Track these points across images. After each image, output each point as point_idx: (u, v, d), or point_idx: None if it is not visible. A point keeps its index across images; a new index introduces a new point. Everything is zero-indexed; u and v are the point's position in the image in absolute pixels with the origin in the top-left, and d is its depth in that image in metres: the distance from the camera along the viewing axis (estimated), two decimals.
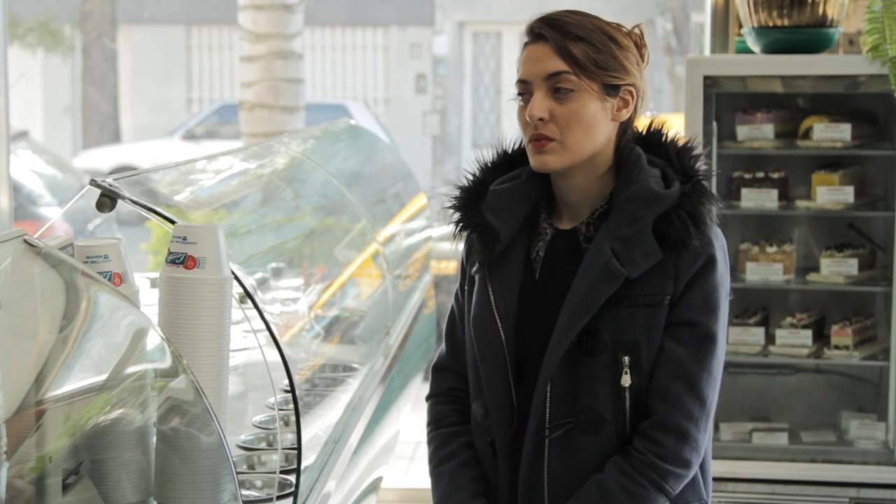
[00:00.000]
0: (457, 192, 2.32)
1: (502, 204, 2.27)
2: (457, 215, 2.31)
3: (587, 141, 2.18)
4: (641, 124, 2.31)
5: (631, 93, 2.21)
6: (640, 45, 2.25)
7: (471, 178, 2.33)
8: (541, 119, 2.17)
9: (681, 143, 2.28)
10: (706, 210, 2.18)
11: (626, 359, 2.16)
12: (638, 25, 2.27)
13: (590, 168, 2.22)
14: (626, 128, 2.25)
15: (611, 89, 2.19)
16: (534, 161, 2.21)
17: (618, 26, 2.24)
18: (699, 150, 2.28)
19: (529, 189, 2.27)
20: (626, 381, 2.16)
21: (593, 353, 2.16)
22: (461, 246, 2.34)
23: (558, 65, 2.17)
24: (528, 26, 2.22)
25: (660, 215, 2.16)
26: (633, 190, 2.18)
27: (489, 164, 2.33)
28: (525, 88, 2.20)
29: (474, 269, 2.29)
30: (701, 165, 2.25)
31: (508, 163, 2.33)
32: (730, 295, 2.24)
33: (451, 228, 2.32)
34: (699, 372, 2.16)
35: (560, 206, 2.28)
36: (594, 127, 2.18)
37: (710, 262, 2.17)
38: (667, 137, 2.28)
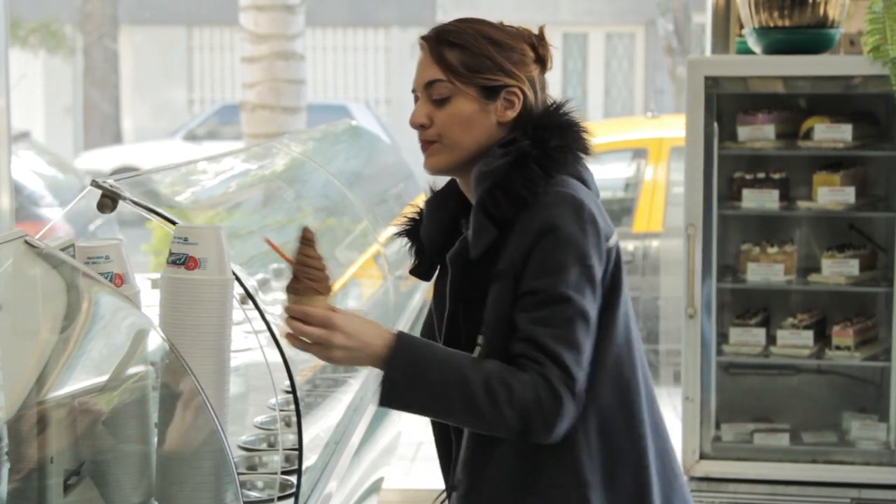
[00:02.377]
0: (408, 214, 2.41)
1: (427, 215, 2.35)
2: (399, 230, 2.41)
3: (467, 138, 2.23)
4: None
5: (516, 93, 2.23)
6: (536, 45, 2.27)
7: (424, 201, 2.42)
8: (422, 126, 2.25)
9: (535, 116, 2.24)
10: (527, 180, 2.17)
11: (480, 338, 2.18)
12: (539, 28, 2.30)
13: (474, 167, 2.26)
14: (514, 126, 2.25)
15: (490, 92, 2.22)
16: (424, 165, 2.28)
17: (506, 28, 2.27)
18: (559, 119, 2.24)
19: (448, 197, 2.34)
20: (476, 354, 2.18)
21: (459, 342, 2.22)
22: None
23: (433, 73, 2.24)
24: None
25: (484, 192, 2.19)
26: (472, 174, 2.24)
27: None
28: (415, 97, 2.28)
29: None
30: (558, 137, 2.22)
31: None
32: (602, 256, 2.17)
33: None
34: (541, 330, 2.12)
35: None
36: (472, 125, 2.23)
37: (545, 229, 2.15)
38: (532, 114, 2.26)
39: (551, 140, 2.21)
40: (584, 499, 2.18)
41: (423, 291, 4.96)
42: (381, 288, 4.18)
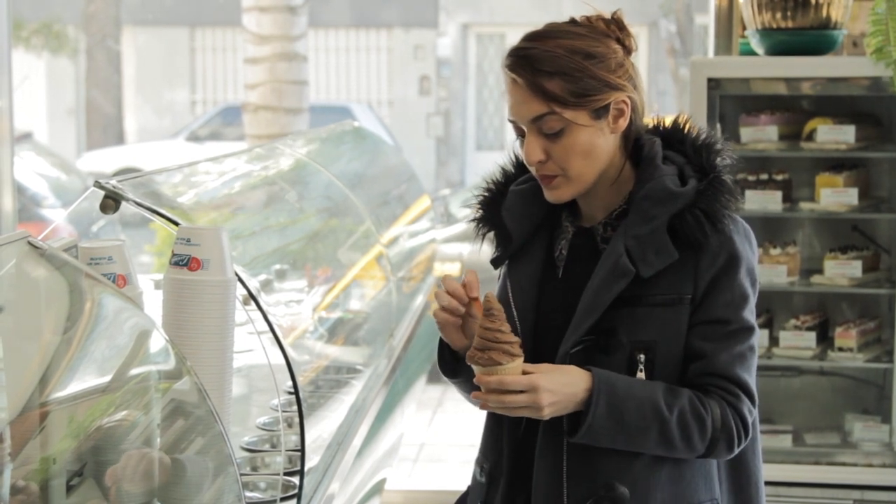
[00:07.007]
0: (480, 194, 2.33)
1: (517, 205, 2.28)
2: (475, 215, 2.32)
3: (590, 166, 2.16)
4: (668, 120, 2.29)
5: (624, 101, 2.16)
6: (621, 38, 2.18)
7: (492, 181, 2.33)
8: (539, 161, 2.16)
9: (701, 139, 2.24)
10: (723, 206, 2.17)
11: (642, 356, 2.15)
12: (614, 13, 2.19)
13: (600, 180, 2.20)
14: (630, 129, 2.21)
15: (600, 111, 2.14)
16: (547, 196, 2.21)
17: (588, 31, 2.16)
18: (720, 145, 2.24)
19: (540, 192, 2.25)
20: (640, 378, 2.14)
21: (608, 352, 2.15)
22: (483, 246, 2.36)
23: (539, 108, 2.12)
24: (503, 63, 2.17)
25: (674, 214, 2.15)
26: (647, 189, 2.17)
27: (506, 170, 2.33)
28: (516, 125, 2.19)
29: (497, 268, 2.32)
30: (722, 160, 2.23)
31: (523, 166, 2.32)
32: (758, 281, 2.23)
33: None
34: (730, 360, 2.15)
35: (581, 204, 2.27)
36: (593, 151, 2.15)
37: (733, 258, 2.16)
38: (688, 133, 2.25)
39: (713, 159, 2.21)
40: None
41: (425, 293, 4.96)
42: (383, 289, 4.18)
